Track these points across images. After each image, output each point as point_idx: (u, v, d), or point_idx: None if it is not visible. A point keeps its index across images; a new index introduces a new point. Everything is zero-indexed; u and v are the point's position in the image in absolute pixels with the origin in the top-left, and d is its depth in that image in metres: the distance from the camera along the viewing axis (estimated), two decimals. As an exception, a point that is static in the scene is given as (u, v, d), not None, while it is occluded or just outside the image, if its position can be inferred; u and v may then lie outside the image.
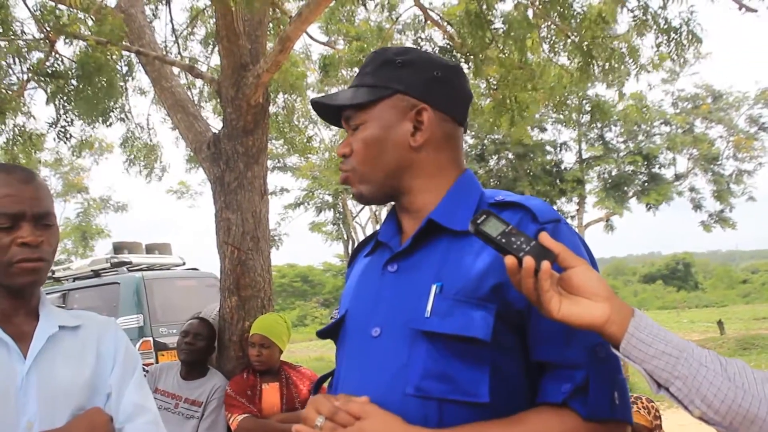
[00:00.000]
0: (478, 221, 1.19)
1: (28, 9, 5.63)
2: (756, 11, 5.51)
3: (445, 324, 1.27)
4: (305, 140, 8.87)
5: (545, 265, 1.12)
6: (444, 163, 1.43)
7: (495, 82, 6.54)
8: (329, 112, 1.50)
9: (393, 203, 1.51)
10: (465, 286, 1.30)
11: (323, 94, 1.60)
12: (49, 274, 1.65)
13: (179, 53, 7.97)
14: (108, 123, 6.78)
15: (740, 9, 5.55)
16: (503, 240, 1.16)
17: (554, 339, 1.27)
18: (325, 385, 1.57)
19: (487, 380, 1.26)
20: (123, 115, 7.20)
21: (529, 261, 1.12)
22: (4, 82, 5.80)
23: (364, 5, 5.96)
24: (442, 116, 1.41)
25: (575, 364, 1.26)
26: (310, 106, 1.62)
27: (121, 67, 6.95)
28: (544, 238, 1.16)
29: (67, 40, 5.63)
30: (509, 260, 1.14)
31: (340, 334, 1.48)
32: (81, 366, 1.58)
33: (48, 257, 1.59)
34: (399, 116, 1.40)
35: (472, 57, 6.05)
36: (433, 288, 1.30)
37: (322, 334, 1.59)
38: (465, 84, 1.49)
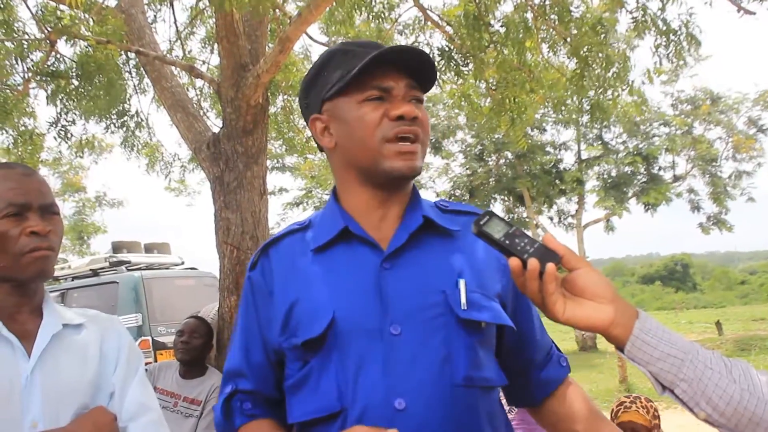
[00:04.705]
0: (482, 222, 1.17)
1: (29, 9, 5.63)
2: (755, 13, 5.51)
3: (484, 314, 1.34)
4: (304, 140, 8.87)
5: (550, 267, 1.11)
6: None
7: (494, 83, 6.53)
8: (387, 71, 1.38)
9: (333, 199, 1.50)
10: (479, 282, 1.38)
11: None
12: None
13: (184, 54, 7.96)
14: (123, 126, 6.81)
15: (738, 11, 5.55)
16: (507, 241, 1.15)
17: (538, 332, 1.51)
18: None
19: (497, 365, 1.42)
20: (137, 120, 7.23)
21: (533, 263, 1.11)
22: (8, 82, 5.81)
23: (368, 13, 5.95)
24: None
25: (551, 342, 1.55)
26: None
27: (129, 68, 6.97)
28: (549, 239, 1.16)
29: (67, 41, 5.63)
30: (513, 262, 1.13)
31: (329, 338, 1.34)
32: (85, 364, 1.58)
33: (56, 247, 1.59)
34: None
35: (471, 58, 6.06)
36: (462, 282, 1.35)
37: (308, 345, 1.36)
38: None
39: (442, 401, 1.28)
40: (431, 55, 6.11)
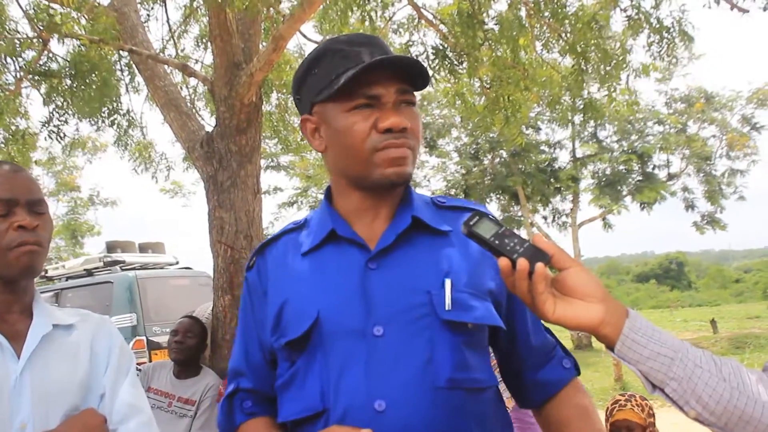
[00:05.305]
0: (471, 223, 1.17)
1: (21, 8, 5.61)
2: (748, 11, 5.52)
3: (469, 315, 1.32)
4: (299, 138, 8.85)
5: (539, 267, 1.11)
6: None
7: (488, 82, 6.53)
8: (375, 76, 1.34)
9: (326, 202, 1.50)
10: (469, 281, 1.35)
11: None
12: (42, 272, 1.63)
13: (177, 53, 7.94)
14: (114, 124, 6.79)
15: (732, 9, 5.57)
16: (496, 241, 1.15)
17: (532, 332, 1.46)
18: None
19: (489, 365, 1.39)
20: (129, 118, 7.21)
21: (523, 263, 1.11)
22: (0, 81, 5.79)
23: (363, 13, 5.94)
24: None
25: (554, 343, 1.51)
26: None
27: (121, 66, 6.94)
28: (538, 239, 1.15)
29: (60, 39, 5.61)
30: (503, 262, 1.13)
31: (313, 338, 1.35)
32: (75, 366, 1.56)
33: (44, 243, 1.58)
34: None
35: (465, 56, 6.05)
36: (448, 282, 1.33)
37: (293, 344, 1.38)
38: None
39: (424, 404, 1.26)
40: (425, 54, 6.14)
